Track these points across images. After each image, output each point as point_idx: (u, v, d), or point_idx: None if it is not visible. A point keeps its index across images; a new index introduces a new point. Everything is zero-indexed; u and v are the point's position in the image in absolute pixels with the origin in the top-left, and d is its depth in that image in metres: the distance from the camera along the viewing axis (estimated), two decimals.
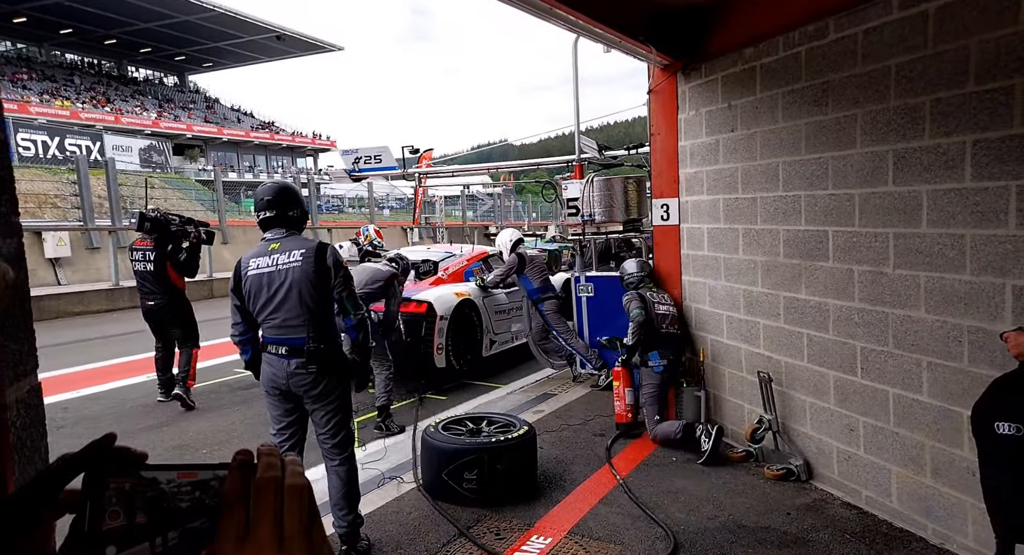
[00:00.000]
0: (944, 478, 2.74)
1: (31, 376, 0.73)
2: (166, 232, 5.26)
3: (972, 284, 2.53)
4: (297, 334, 2.70)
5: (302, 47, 41.17)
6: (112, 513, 0.42)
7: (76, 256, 12.63)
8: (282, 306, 2.70)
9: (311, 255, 2.69)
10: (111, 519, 0.41)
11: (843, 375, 3.21)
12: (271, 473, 0.42)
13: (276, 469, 0.42)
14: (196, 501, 0.43)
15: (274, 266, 2.71)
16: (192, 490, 0.43)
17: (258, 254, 2.77)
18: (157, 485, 0.43)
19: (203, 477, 0.43)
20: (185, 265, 5.35)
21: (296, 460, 0.44)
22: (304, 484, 0.42)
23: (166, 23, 34.41)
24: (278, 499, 0.41)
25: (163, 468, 0.43)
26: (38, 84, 35.18)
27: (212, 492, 0.43)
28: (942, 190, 2.62)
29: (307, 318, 2.69)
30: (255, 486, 0.41)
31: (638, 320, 4.21)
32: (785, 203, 3.45)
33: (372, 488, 3.52)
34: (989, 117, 2.41)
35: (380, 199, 25.81)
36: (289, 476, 0.42)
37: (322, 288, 2.72)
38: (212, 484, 0.43)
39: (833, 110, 3.10)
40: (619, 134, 51.35)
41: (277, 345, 2.74)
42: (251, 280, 2.74)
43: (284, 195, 2.81)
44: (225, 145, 43.07)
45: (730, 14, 3.75)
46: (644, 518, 3.11)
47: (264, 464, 0.42)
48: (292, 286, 2.68)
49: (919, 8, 2.62)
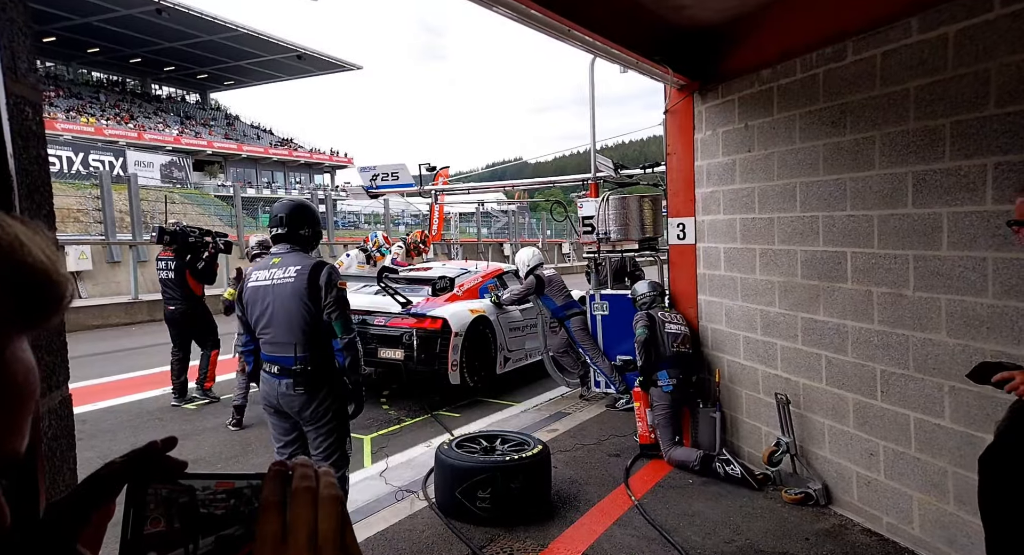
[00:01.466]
0: (968, 506, 2.68)
1: (63, 387, 0.75)
2: (184, 243, 5.67)
3: (994, 308, 2.50)
4: (287, 353, 2.66)
5: (322, 66, 42.02)
6: (153, 520, 0.44)
7: (97, 269, 12.85)
8: (273, 322, 2.67)
9: (305, 273, 2.65)
10: (152, 525, 0.43)
11: (863, 398, 3.16)
12: (307, 483, 0.44)
13: (311, 480, 0.44)
14: (231, 509, 0.44)
15: (271, 280, 2.69)
16: (227, 498, 0.45)
17: (261, 267, 2.77)
18: (194, 493, 0.45)
19: (239, 486, 0.45)
20: (203, 273, 5.73)
21: (330, 472, 0.46)
22: (338, 495, 0.44)
23: (190, 42, 35.35)
24: (313, 507, 0.43)
25: (202, 477, 0.46)
26: (65, 101, 36.19)
27: (246, 501, 0.45)
28: (963, 212, 2.60)
29: (297, 337, 2.64)
30: (292, 494, 0.43)
31: (640, 339, 4.21)
32: (803, 223, 3.44)
33: (388, 504, 3.51)
34: (1010, 140, 2.40)
35: (396, 215, 26.05)
36: (324, 487, 0.44)
37: (314, 307, 2.66)
38: (246, 492, 0.45)
39: (851, 131, 3.10)
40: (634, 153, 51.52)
41: (271, 363, 2.71)
42: (249, 292, 2.74)
43: (298, 213, 2.80)
44: (244, 161, 43.84)
45: (747, 36, 3.78)
46: (660, 540, 3.07)
47: (300, 475, 0.44)
48: (284, 302, 2.64)
49: (939, 31, 2.63)
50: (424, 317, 5.70)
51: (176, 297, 5.68)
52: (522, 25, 3.05)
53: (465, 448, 3.47)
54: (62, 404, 0.75)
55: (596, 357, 5.63)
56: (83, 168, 28.73)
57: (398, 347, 5.68)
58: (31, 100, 0.71)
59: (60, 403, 0.74)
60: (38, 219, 0.72)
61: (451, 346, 5.59)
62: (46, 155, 0.74)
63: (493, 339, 6.15)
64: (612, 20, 3.36)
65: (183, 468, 0.47)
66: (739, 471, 3.70)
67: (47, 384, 0.72)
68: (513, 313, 6.46)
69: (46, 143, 0.75)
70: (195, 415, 5.56)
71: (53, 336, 0.73)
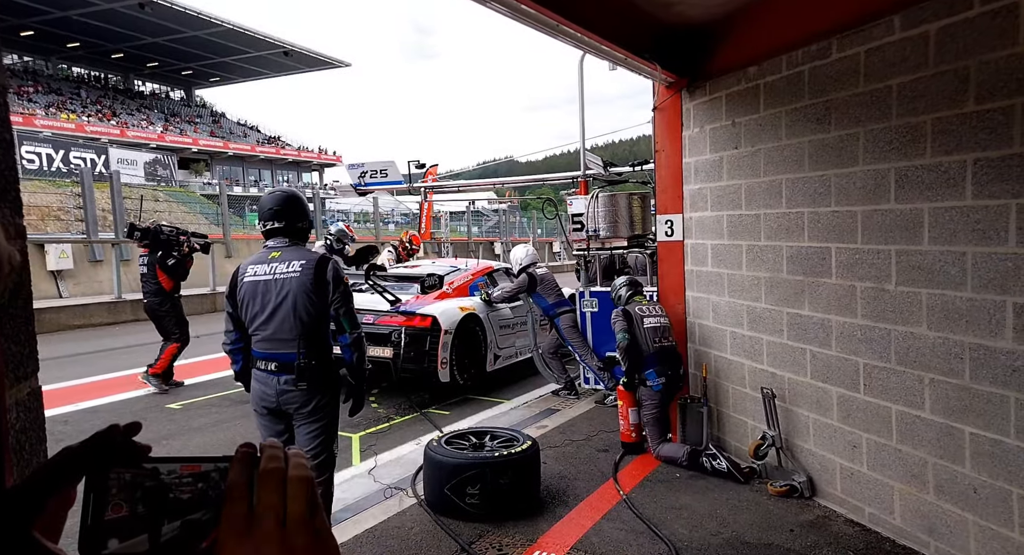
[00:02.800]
0: (947, 495, 2.73)
1: (31, 379, 0.72)
2: (156, 240, 6.05)
3: (973, 301, 2.55)
4: (288, 349, 2.61)
5: (309, 63, 41.68)
6: (115, 505, 0.42)
7: (79, 269, 12.66)
8: (274, 317, 2.61)
9: (311, 267, 2.61)
10: (114, 511, 0.42)
11: (846, 391, 3.21)
12: (274, 464, 0.42)
13: (279, 461, 0.42)
14: (198, 493, 0.43)
15: (272, 275, 2.62)
16: (194, 482, 0.43)
17: (257, 261, 2.68)
18: (159, 476, 0.43)
19: (205, 469, 0.44)
20: (172, 269, 6.10)
21: (300, 453, 0.44)
22: (307, 475, 0.42)
23: (174, 38, 34.88)
24: (281, 489, 0.41)
25: (167, 461, 0.44)
26: (44, 97, 35.57)
27: (214, 484, 0.43)
28: (943, 208, 2.65)
29: (300, 332, 2.59)
30: (259, 476, 0.42)
31: (622, 346, 4.22)
32: (788, 220, 3.48)
33: (377, 501, 3.51)
34: (989, 136, 2.45)
35: (385, 214, 25.93)
36: (292, 468, 0.42)
37: (319, 302, 2.63)
38: (214, 476, 0.43)
39: (836, 128, 3.14)
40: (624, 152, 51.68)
41: (267, 360, 2.64)
42: (246, 287, 2.66)
43: (292, 205, 2.72)
44: (231, 159, 43.39)
45: (733, 33, 3.82)
46: (647, 534, 3.10)
47: (268, 456, 0.43)
48: (287, 297, 2.59)
49: (921, 29, 2.68)
50: (413, 315, 5.69)
51: (148, 290, 6.14)
52: (513, 20, 3.05)
53: (454, 444, 3.47)
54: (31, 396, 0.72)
55: (585, 354, 5.65)
56: (64, 166, 28.23)
57: (387, 345, 5.67)
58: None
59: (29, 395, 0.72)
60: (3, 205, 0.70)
61: (441, 344, 5.59)
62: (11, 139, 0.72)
63: (483, 337, 6.15)
64: (601, 16, 3.37)
65: (147, 452, 0.45)
66: (725, 465, 3.74)
67: (14, 374, 0.69)
68: (503, 311, 6.46)
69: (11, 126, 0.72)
70: (180, 414, 5.51)
71: (20, 325, 0.71)
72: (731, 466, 3.73)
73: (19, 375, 0.70)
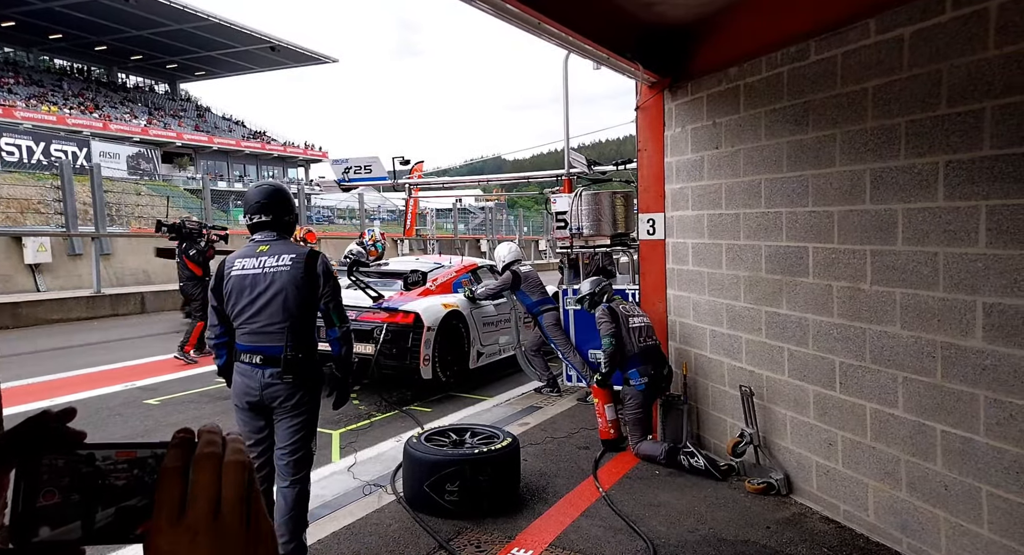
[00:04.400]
0: (918, 492, 2.78)
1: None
2: (180, 234, 7.33)
3: (945, 300, 2.59)
4: (275, 342, 2.60)
5: (296, 58, 41.32)
6: (47, 493, 0.41)
7: (57, 262, 12.45)
8: (263, 310, 2.60)
9: (301, 261, 2.61)
10: (45, 498, 0.41)
11: (822, 390, 3.25)
12: (210, 449, 0.41)
13: (216, 446, 0.42)
14: (133, 479, 0.42)
15: (260, 268, 2.62)
16: (129, 468, 0.42)
17: (245, 255, 2.67)
18: (93, 462, 0.42)
19: (141, 455, 0.43)
20: (195, 259, 7.33)
21: (238, 438, 0.44)
22: (243, 460, 0.42)
23: (159, 31, 34.43)
24: (216, 475, 0.41)
25: (102, 446, 0.43)
26: (25, 89, 34.93)
27: (150, 470, 0.42)
28: (916, 209, 2.69)
29: (287, 325, 2.59)
30: (194, 461, 0.41)
31: (608, 351, 4.19)
32: (767, 219, 3.51)
33: (356, 498, 3.49)
34: (961, 139, 2.49)
35: (371, 211, 25.79)
36: (229, 453, 0.42)
37: (308, 296, 2.63)
38: (150, 462, 0.43)
39: (813, 129, 3.17)
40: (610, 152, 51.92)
41: (252, 353, 2.63)
42: (234, 280, 2.64)
43: (280, 199, 2.71)
44: (215, 154, 42.90)
45: (715, 34, 3.84)
46: (626, 531, 3.12)
47: (204, 441, 0.42)
48: (277, 290, 2.59)
49: (895, 33, 2.71)
50: (396, 311, 5.67)
51: (183, 276, 7.40)
52: (497, 19, 3.05)
53: (434, 441, 3.47)
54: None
55: (567, 351, 5.67)
56: (44, 158, 27.75)
57: (369, 342, 5.64)
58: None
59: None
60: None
61: (423, 340, 5.57)
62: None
63: (466, 334, 6.15)
64: (583, 15, 3.37)
65: (81, 439, 0.44)
66: (703, 463, 3.77)
67: None
68: (487, 308, 6.46)
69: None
70: (157, 410, 5.44)
71: None
72: (709, 464, 3.76)
73: None
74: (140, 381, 6.33)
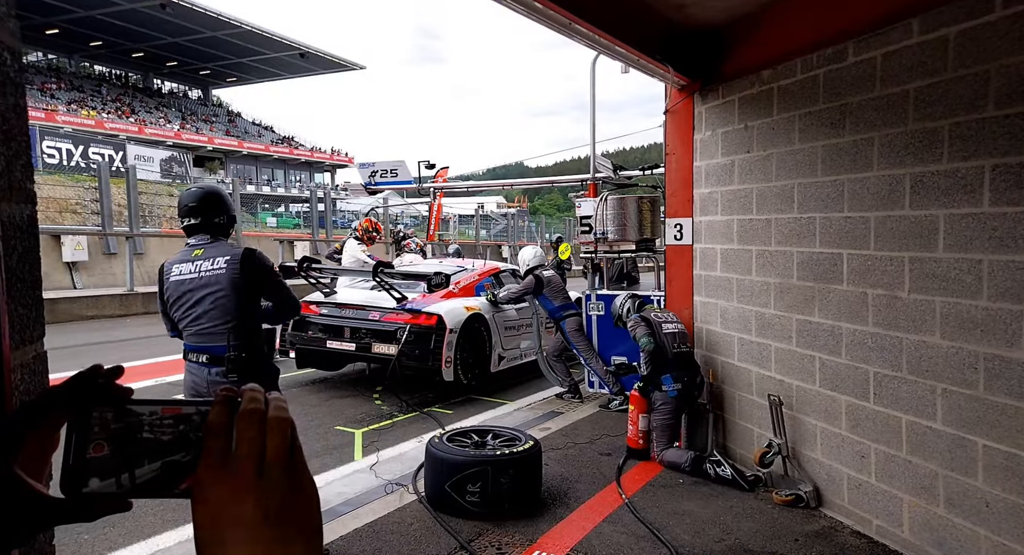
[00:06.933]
0: (958, 509, 2.67)
1: (37, 343, 0.73)
2: None
3: (989, 310, 2.49)
4: (218, 342, 2.62)
5: (324, 65, 42.04)
6: (96, 445, 0.42)
7: (93, 261, 12.80)
8: (205, 314, 2.63)
9: (236, 262, 2.62)
10: (95, 450, 0.42)
11: (855, 400, 3.15)
12: (254, 405, 0.42)
13: (259, 403, 0.42)
14: (178, 434, 0.43)
15: (197, 273, 2.64)
16: (175, 424, 0.43)
17: (180, 260, 2.69)
18: (140, 417, 0.43)
19: (186, 411, 0.44)
20: None
21: (280, 397, 0.44)
22: (287, 417, 0.42)
23: (193, 38, 35.35)
24: (260, 430, 0.41)
25: (148, 403, 0.44)
26: (66, 94, 36.14)
27: (195, 426, 0.43)
28: (959, 215, 2.60)
29: (231, 326, 2.62)
30: (238, 417, 0.41)
31: (648, 350, 4.12)
32: (800, 225, 3.43)
33: (378, 497, 3.49)
34: (1009, 142, 2.40)
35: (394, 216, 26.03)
36: (273, 410, 0.42)
37: (247, 295, 2.65)
38: (195, 419, 0.43)
39: (850, 133, 3.10)
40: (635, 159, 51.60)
41: (198, 353, 2.67)
42: (172, 286, 2.66)
43: (209, 201, 2.72)
44: (245, 158, 43.80)
45: (748, 36, 3.78)
46: (649, 538, 3.05)
47: (248, 398, 0.43)
48: (216, 294, 2.61)
49: (939, 33, 2.63)
50: (419, 313, 5.68)
51: None
52: (527, 18, 3.05)
53: (456, 442, 3.45)
54: (36, 360, 0.73)
55: (590, 358, 5.61)
56: (82, 161, 28.61)
57: (392, 342, 5.66)
58: (9, 46, 0.69)
59: (34, 358, 0.72)
60: (15, 169, 0.70)
61: (445, 343, 5.57)
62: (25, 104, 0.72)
63: (488, 337, 6.13)
64: (614, 16, 3.36)
65: (128, 395, 0.45)
66: (729, 472, 3.68)
67: (20, 337, 0.70)
68: (509, 312, 6.44)
69: (25, 91, 0.73)
70: None
71: (27, 289, 0.71)
72: (735, 473, 3.67)
73: (25, 338, 0.70)
74: (169, 377, 6.44)
